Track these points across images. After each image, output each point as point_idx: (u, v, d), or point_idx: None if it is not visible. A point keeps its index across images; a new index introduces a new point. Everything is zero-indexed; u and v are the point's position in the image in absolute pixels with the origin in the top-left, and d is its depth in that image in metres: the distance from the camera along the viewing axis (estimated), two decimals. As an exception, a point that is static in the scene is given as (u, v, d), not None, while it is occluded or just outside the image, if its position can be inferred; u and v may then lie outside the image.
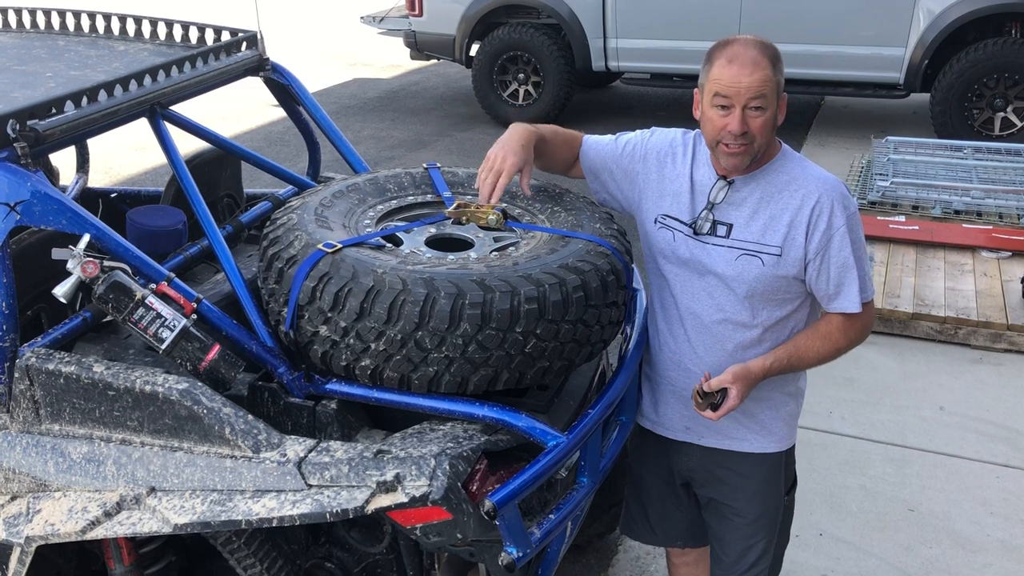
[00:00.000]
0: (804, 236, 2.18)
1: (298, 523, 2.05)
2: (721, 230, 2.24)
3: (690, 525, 2.62)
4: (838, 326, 2.26)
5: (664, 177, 2.34)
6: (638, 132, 2.44)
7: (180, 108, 2.92)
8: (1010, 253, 5.46)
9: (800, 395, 2.45)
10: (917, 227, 5.65)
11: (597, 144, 2.47)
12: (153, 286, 2.27)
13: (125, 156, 7.90)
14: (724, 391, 2.19)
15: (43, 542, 2.26)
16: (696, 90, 2.22)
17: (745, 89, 2.09)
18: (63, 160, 3.93)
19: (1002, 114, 7.50)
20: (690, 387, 2.27)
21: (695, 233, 2.26)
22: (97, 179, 6.44)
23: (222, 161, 3.38)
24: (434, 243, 2.45)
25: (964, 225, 5.62)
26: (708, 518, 2.54)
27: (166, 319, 2.20)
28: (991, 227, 5.57)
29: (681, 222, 2.29)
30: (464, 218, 2.46)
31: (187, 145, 3.08)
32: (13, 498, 2.34)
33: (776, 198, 2.20)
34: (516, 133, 2.37)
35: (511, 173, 2.31)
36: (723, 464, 2.42)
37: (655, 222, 2.34)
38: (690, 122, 2.31)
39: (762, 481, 2.42)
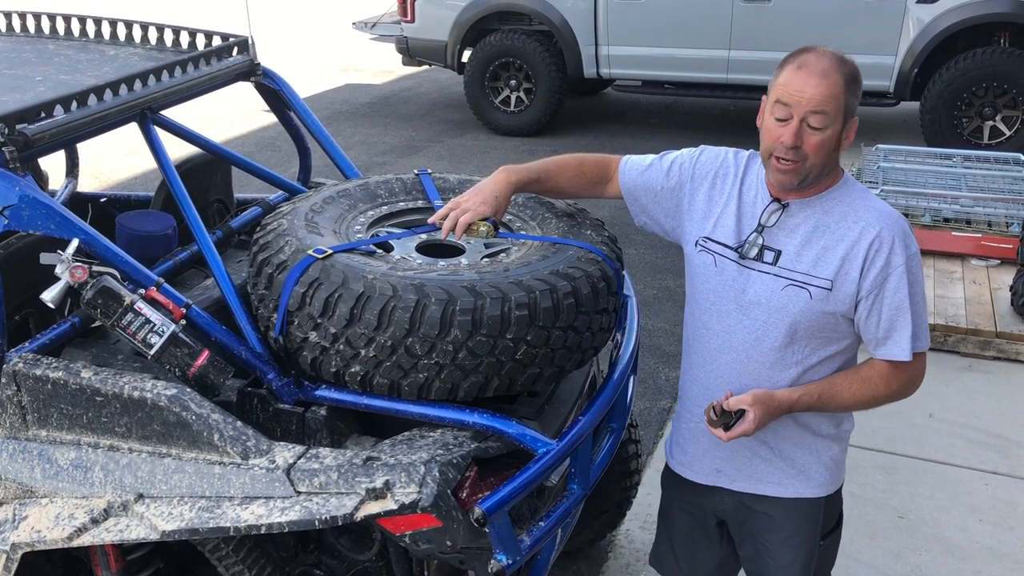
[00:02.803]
0: (859, 272, 2.02)
1: (287, 530, 2.04)
2: (768, 256, 2.10)
3: (720, 563, 2.47)
4: (881, 373, 2.10)
5: (712, 198, 2.20)
6: (686, 151, 2.31)
7: (170, 113, 2.91)
8: (999, 261, 5.49)
9: (844, 438, 2.28)
10: (907, 235, 5.67)
11: (638, 165, 2.33)
12: (142, 291, 2.26)
13: (115, 160, 7.88)
14: (741, 412, 2.05)
15: (29, 549, 2.24)
16: (764, 96, 2.09)
17: (807, 100, 1.95)
18: (53, 164, 3.91)
19: (991, 123, 7.54)
20: None
21: (740, 257, 2.12)
22: (87, 183, 6.41)
23: (212, 166, 3.37)
24: (425, 249, 2.45)
25: (953, 233, 5.64)
26: (743, 554, 2.41)
27: (155, 324, 2.19)
28: (980, 235, 5.59)
29: (725, 246, 2.15)
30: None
31: (177, 150, 3.07)
32: (-1, 504, 2.33)
33: (832, 228, 2.05)
34: (493, 182, 2.31)
35: (477, 214, 2.24)
36: (756, 506, 2.29)
37: (695, 245, 2.20)
38: (684, 129, 2.30)
39: (795, 527, 2.27)
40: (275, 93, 3.23)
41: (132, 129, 2.76)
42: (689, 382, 2.31)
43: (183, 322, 2.26)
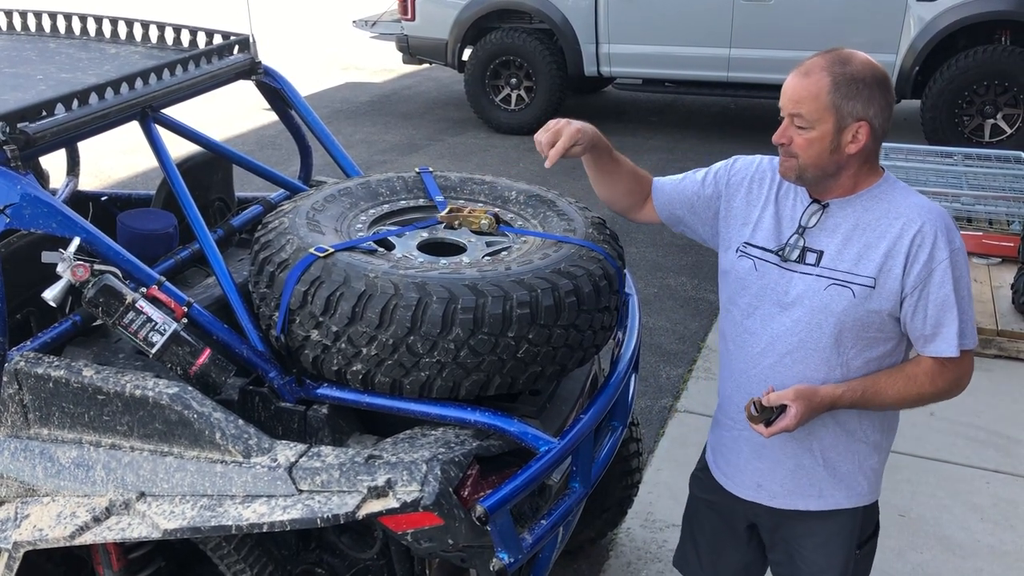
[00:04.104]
0: (902, 268, 1.99)
1: (288, 528, 2.04)
2: (810, 257, 2.07)
3: (746, 566, 2.44)
4: (927, 370, 2.06)
5: (750, 203, 2.19)
6: (720, 163, 2.30)
7: (171, 111, 2.91)
8: (1000, 259, 5.48)
9: (887, 448, 2.26)
10: (908, 233, 5.67)
11: (671, 180, 2.35)
12: (143, 290, 2.26)
13: (116, 159, 7.88)
14: (783, 408, 2.01)
15: (31, 547, 2.24)
16: None
17: (786, 98, 1.98)
18: (53, 163, 3.91)
19: (992, 121, 7.54)
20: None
21: (782, 260, 2.10)
22: (87, 182, 6.41)
23: (213, 165, 3.37)
24: (426, 247, 2.45)
25: (954, 231, 5.64)
26: (773, 557, 2.38)
27: (156, 323, 2.19)
28: (981, 233, 5.59)
29: (766, 250, 2.13)
30: (456, 222, 2.46)
31: (178, 148, 3.07)
32: (1, 503, 2.33)
33: (873, 225, 2.03)
34: (583, 122, 2.23)
35: (571, 136, 2.15)
36: (792, 517, 2.26)
37: (736, 251, 2.19)
38: (684, 127, 2.29)
39: (830, 533, 2.24)
40: (276, 91, 3.23)
41: (132, 128, 2.76)
42: (731, 388, 2.25)
43: (184, 320, 2.26)
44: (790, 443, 2.15)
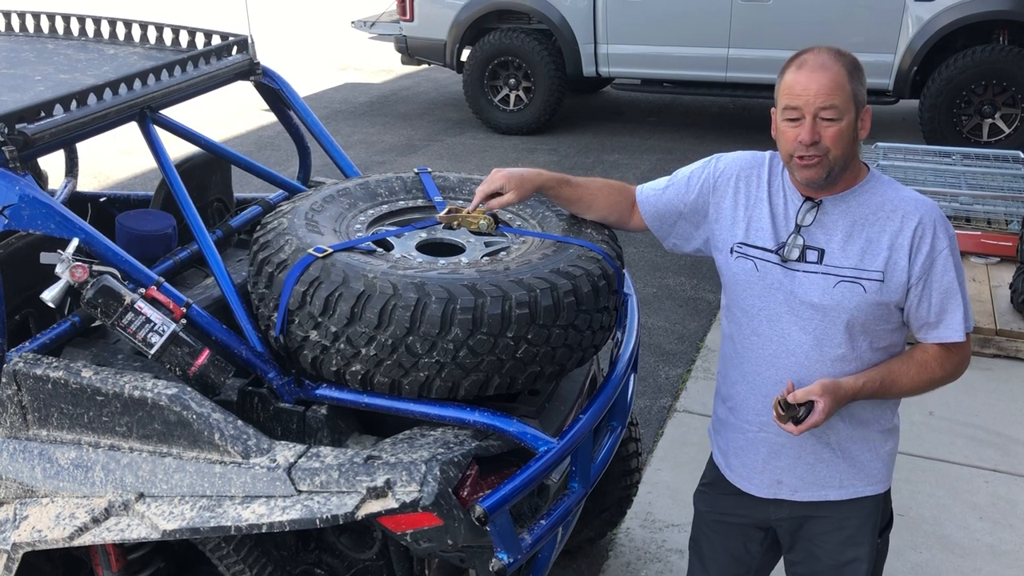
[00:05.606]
0: (907, 259, 2.03)
1: (288, 529, 2.04)
2: (812, 255, 2.08)
3: (756, 573, 2.44)
4: (935, 356, 2.11)
5: (739, 203, 2.19)
6: (699, 164, 2.30)
7: (170, 112, 2.91)
8: (998, 258, 5.49)
9: (897, 432, 2.28)
10: (906, 232, 5.67)
11: (654, 188, 2.36)
12: (142, 291, 2.26)
13: (114, 160, 7.88)
14: (810, 404, 2.02)
15: (30, 548, 2.24)
16: (773, 110, 2.09)
17: (814, 95, 1.97)
18: (52, 164, 3.91)
19: (990, 120, 7.54)
20: (784, 432, 2.08)
21: (782, 260, 2.10)
22: (86, 183, 6.42)
23: (212, 165, 3.37)
24: (425, 248, 2.45)
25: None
26: (791, 557, 2.35)
27: (155, 324, 2.19)
28: (980, 233, 5.59)
29: (764, 249, 2.13)
30: (455, 223, 2.46)
31: (177, 149, 3.07)
32: (0, 504, 2.33)
33: (872, 220, 2.06)
34: (521, 168, 2.40)
35: (492, 183, 2.34)
36: (816, 512, 2.25)
37: (731, 252, 2.18)
38: (683, 127, 2.29)
39: (857, 526, 2.25)
40: (275, 92, 3.23)
41: (131, 128, 2.76)
42: (745, 391, 2.23)
43: (183, 321, 2.26)
44: (808, 439, 2.17)
